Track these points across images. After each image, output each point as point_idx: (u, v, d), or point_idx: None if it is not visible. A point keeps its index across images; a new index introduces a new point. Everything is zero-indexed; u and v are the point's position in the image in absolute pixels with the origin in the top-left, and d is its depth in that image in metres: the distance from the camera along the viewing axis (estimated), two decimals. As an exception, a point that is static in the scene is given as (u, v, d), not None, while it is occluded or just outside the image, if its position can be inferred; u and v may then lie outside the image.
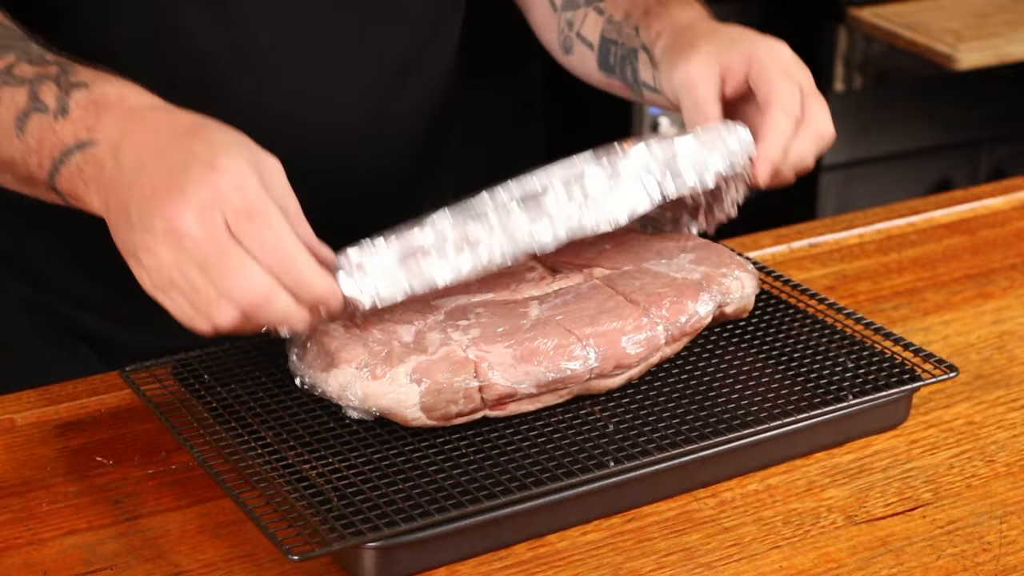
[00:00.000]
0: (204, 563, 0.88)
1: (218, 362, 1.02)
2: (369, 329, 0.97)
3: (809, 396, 1.00)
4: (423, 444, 0.94)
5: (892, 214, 1.38)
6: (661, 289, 1.03)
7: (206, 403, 0.97)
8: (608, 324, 0.98)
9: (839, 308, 1.11)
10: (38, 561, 0.88)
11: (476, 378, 0.94)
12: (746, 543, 0.91)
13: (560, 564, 0.88)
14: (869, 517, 0.93)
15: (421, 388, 0.92)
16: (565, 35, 1.29)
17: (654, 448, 0.93)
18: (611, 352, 0.97)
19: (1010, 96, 2.81)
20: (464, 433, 0.95)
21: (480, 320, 0.98)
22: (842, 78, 2.64)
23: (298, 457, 0.92)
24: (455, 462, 0.92)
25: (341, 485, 0.89)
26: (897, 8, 2.61)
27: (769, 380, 1.02)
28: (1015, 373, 1.11)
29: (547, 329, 0.97)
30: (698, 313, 1.02)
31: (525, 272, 1.06)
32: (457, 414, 0.94)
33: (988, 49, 2.51)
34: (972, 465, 0.99)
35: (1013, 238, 1.34)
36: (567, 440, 0.95)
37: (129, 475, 0.96)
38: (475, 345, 0.96)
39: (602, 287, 1.03)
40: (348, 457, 0.92)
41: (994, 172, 2.84)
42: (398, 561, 0.86)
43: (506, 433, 0.95)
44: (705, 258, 1.08)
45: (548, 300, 1.02)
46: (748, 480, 0.97)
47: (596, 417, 0.98)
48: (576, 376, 0.96)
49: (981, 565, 0.89)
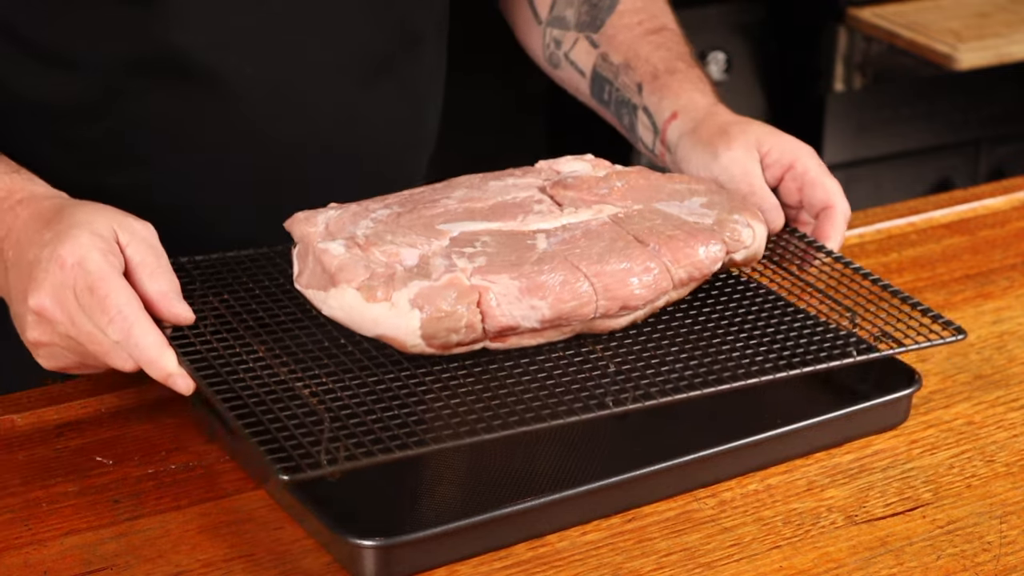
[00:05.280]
0: (204, 563, 0.88)
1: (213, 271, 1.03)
2: (370, 249, 0.95)
3: (806, 344, 0.98)
4: (420, 371, 0.92)
5: (892, 214, 1.38)
6: (672, 232, 1.01)
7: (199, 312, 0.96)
8: (616, 264, 0.97)
9: (847, 263, 1.09)
10: (38, 561, 0.88)
11: (479, 308, 0.92)
12: (746, 543, 0.91)
13: (560, 564, 0.88)
14: (869, 517, 0.93)
15: (423, 315, 0.91)
16: (552, 51, 1.30)
17: (656, 392, 0.90)
18: (618, 293, 0.96)
19: (1010, 96, 2.81)
20: (462, 362, 0.93)
21: (486, 249, 0.96)
22: (842, 78, 2.64)
23: (291, 375, 0.90)
24: (452, 391, 0.90)
25: (335, 407, 0.87)
26: (897, 8, 2.61)
27: (774, 331, 1.00)
28: (1015, 373, 1.11)
29: (554, 264, 0.95)
30: (708, 259, 1.00)
31: (533, 204, 1.04)
32: (457, 343, 0.92)
33: (988, 49, 2.51)
34: (972, 465, 0.99)
35: (1013, 238, 1.34)
36: (567, 377, 0.93)
37: (129, 475, 0.96)
38: (480, 274, 0.93)
39: (612, 225, 1.01)
40: (343, 379, 0.90)
41: (994, 172, 2.84)
42: (398, 561, 0.86)
43: (505, 366, 0.94)
44: (717, 203, 1.06)
45: (556, 235, 1.00)
46: (748, 480, 0.97)
47: (598, 356, 0.96)
48: (581, 314, 0.95)
49: (981, 565, 0.89)
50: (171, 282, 0.95)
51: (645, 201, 1.05)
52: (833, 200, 1.12)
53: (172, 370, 0.90)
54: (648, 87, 1.22)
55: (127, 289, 0.92)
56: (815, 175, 1.13)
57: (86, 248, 0.92)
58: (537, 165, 1.11)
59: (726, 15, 2.63)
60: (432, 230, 0.98)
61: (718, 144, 1.14)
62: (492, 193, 1.04)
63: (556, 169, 1.11)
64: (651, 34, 1.25)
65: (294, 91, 1.16)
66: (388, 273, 0.93)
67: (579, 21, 1.28)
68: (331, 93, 1.18)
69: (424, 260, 0.95)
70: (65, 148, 1.15)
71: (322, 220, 0.99)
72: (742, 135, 1.14)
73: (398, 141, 1.25)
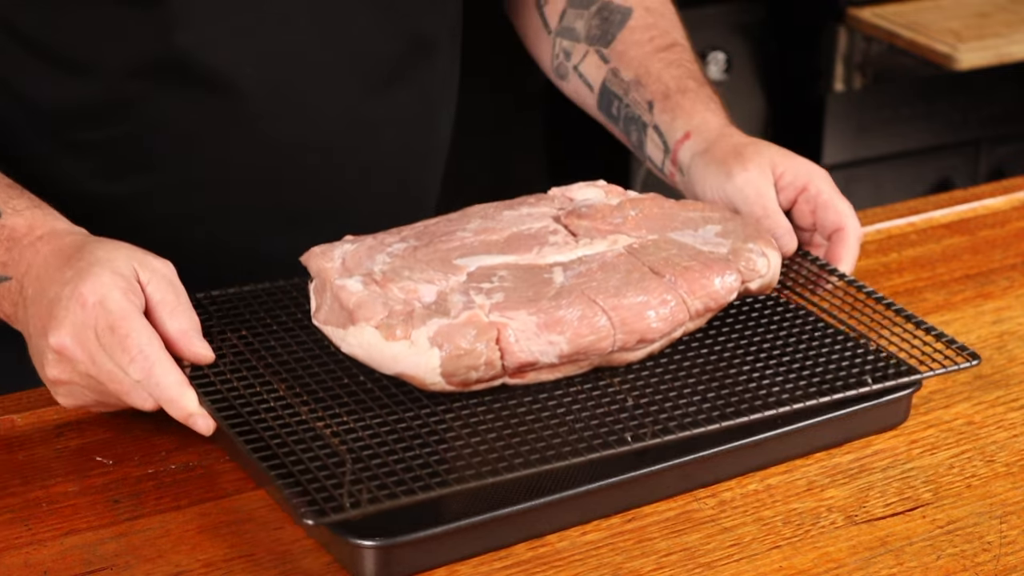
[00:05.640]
0: (204, 563, 0.88)
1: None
2: (388, 286, 0.95)
3: (822, 373, 0.99)
4: (439, 408, 0.93)
5: (892, 214, 1.38)
6: (688, 263, 1.01)
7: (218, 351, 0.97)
8: (633, 297, 0.97)
9: (860, 286, 1.10)
10: (38, 561, 0.88)
11: (498, 345, 0.92)
12: (746, 543, 0.91)
13: (560, 564, 0.88)
14: (869, 517, 0.93)
15: (443, 353, 0.91)
16: (560, 62, 1.30)
17: (675, 427, 0.91)
18: (635, 326, 0.96)
19: (1010, 96, 2.81)
20: (482, 399, 0.94)
21: (504, 284, 0.97)
22: (842, 78, 2.64)
23: (312, 414, 0.91)
24: (473, 429, 0.91)
25: (357, 447, 0.88)
26: (897, 8, 2.61)
27: (790, 359, 1.00)
28: (1015, 373, 1.11)
29: (572, 298, 0.96)
30: (724, 290, 1.01)
31: (548, 234, 1.04)
32: (476, 380, 0.93)
33: (988, 49, 2.51)
34: (972, 465, 0.99)
35: (1013, 238, 1.34)
36: (586, 412, 0.93)
37: (129, 475, 0.96)
38: (498, 310, 0.94)
39: (627, 257, 1.02)
40: (363, 417, 0.91)
41: (994, 172, 2.84)
42: (398, 561, 0.86)
43: (524, 401, 0.94)
44: (732, 231, 1.06)
45: (573, 267, 1.00)
46: (748, 480, 0.97)
47: (616, 389, 0.96)
48: (599, 348, 0.95)
49: (981, 565, 0.89)
50: (191, 320, 0.95)
51: (660, 230, 1.06)
52: (846, 222, 1.13)
53: (193, 410, 0.91)
54: (659, 106, 1.22)
55: (148, 328, 0.92)
56: (828, 197, 1.14)
57: (107, 287, 0.92)
58: (550, 192, 1.12)
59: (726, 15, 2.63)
60: (449, 265, 0.98)
61: (732, 165, 1.14)
62: (507, 223, 1.05)
63: (569, 196, 1.11)
64: (662, 51, 1.25)
65: (301, 95, 1.16)
66: (407, 310, 0.93)
67: (589, 34, 1.28)
68: (341, 98, 1.17)
69: (442, 296, 0.95)
70: (69, 152, 1.15)
71: (338, 255, 1.00)
72: (757, 156, 1.14)
73: (412, 148, 1.25)
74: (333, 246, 1.01)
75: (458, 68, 1.30)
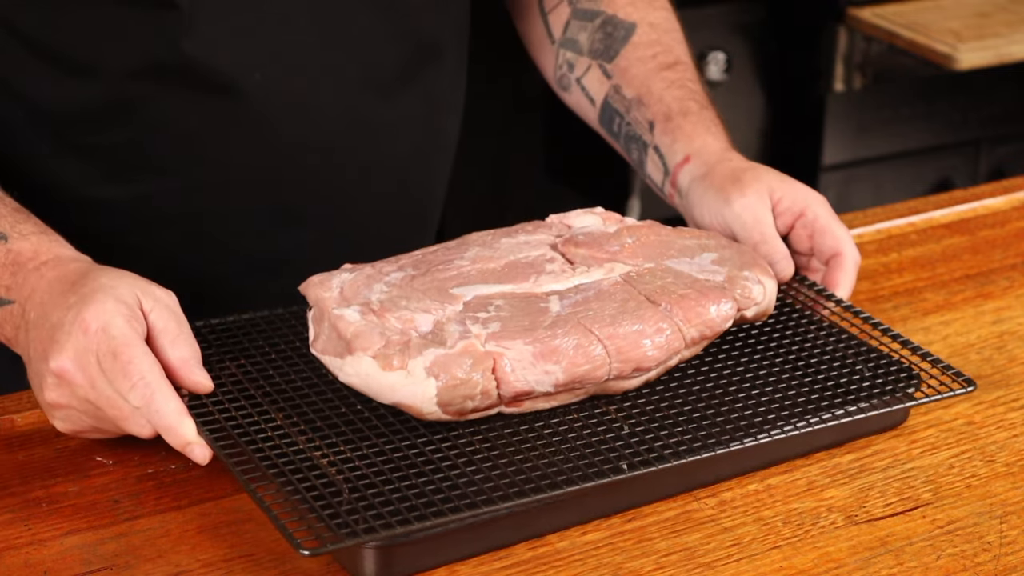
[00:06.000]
0: (204, 563, 0.88)
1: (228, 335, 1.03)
2: (385, 316, 0.96)
3: (817, 399, 0.99)
4: (436, 437, 0.93)
5: (892, 214, 1.38)
6: (683, 291, 1.01)
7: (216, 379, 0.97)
8: (629, 326, 0.97)
9: (856, 312, 1.10)
10: (38, 561, 0.88)
11: (494, 375, 0.93)
12: (746, 543, 0.91)
13: (560, 564, 0.88)
14: (869, 517, 0.93)
15: (439, 383, 0.91)
16: (563, 73, 1.30)
17: (670, 454, 0.92)
18: (631, 355, 0.96)
19: (1010, 96, 2.81)
20: (478, 428, 0.94)
21: (500, 313, 0.97)
22: (842, 78, 2.64)
23: (309, 443, 0.91)
24: (469, 458, 0.91)
25: (353, 477, 0.88)
26: (897, 8, 2.61)
27: (785, 386, 1.01)
28: (1015, 373, 1.11)
29: (567, 327, 0.96)
30: (720, 318, 1.01)
31: (545, 263, 1.04)
32: (472, 409, 0.93)
33: (988, 49, 2.51)
34: (972, 465, 0.99)
35: (1013, 238, 1.34)
36: (582, 441, 0.94)
37: (129, 475, 0.96)
38: (494, 340, 0.94)
39: (624, 285, 1.02)
40: (360, 447, 0.91)
41: (994, 172, 2.84)
42: (398, 561, 0.86)
43: (520, 430, 0.95)
44: (728, 259, 1.07)
45: (569, 296, 1.00)
46: (748, 480, 0.97)
47: (612, 418, 0.97)
48: (594, 377, 0.96)
49: (981, 565, 0.89)
50: (192, 349, 0.95)
51: (656, 258, 1.06)
52: (843, 248, 1.13)
53: (191, 439, 0.91)
54: (660, 127, 1.22)
55: (150, 356, 0.93)
56: (825, 223, 1.14)
57: (110, 314, 0.92)
58: (548, 220, 1.12)
59: (726, 15, 2.63)
60: (446, 294, 0.99)
61: (731, 191, 1.14)
62: (504, 252, 1.05)
63: (567, 223, 1.11)
64: (665, 69, 1.25)
65: (302, 96, 1.16)
66: (403, 340, 0.94)
67: (592, 48, 1.27)
68: (343, 100, 1.17)
69: (439, 326, 0.95)
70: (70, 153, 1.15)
71: (336, 284, 1.00)
72: (755, 182, 1.15)
73: (414, 149, 1.25)
74: (331, 275, 1.02)
75: (465, 71, 1.30)
